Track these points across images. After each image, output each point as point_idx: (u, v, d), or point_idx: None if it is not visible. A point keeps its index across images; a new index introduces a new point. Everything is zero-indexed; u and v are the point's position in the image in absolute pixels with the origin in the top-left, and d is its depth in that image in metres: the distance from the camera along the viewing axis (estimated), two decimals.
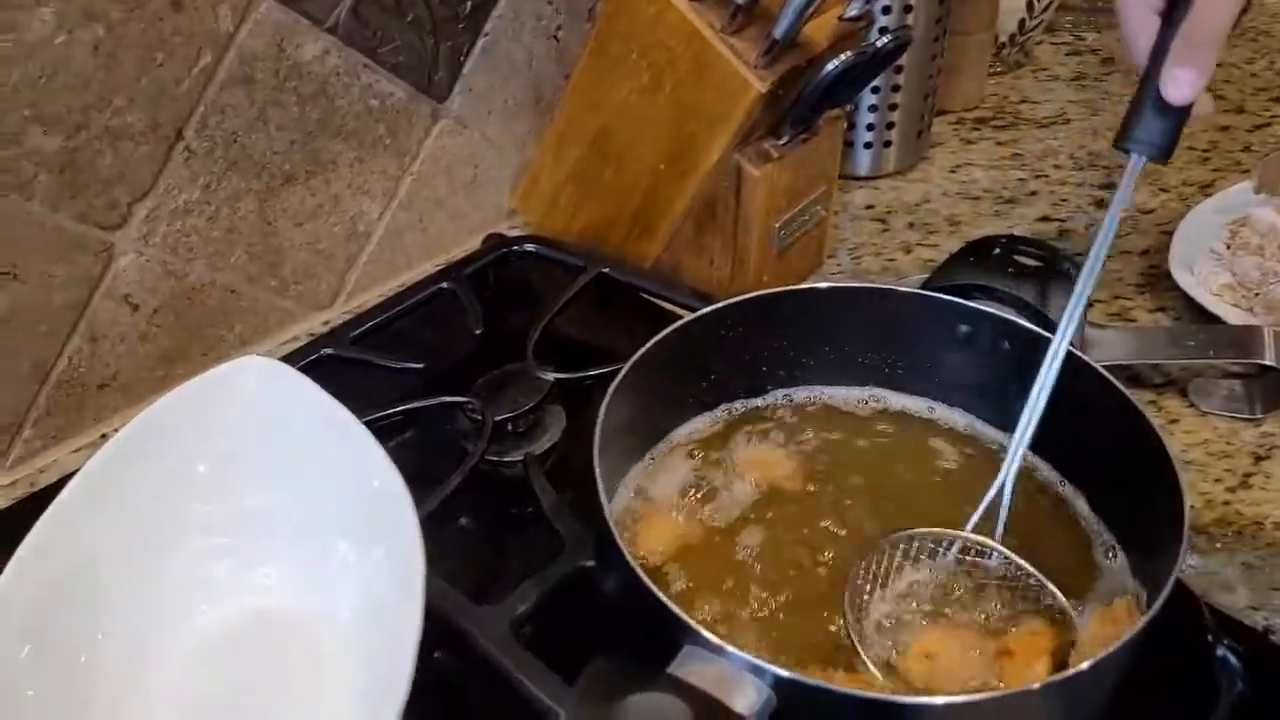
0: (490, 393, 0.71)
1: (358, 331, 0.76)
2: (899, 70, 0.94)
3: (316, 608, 0.55)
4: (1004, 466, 0.54)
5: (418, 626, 0.48)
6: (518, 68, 0.89)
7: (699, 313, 0.60)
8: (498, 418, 0.69)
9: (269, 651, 0.55)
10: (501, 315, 0.81)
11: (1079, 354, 0.56)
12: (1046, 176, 1.01)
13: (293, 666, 0.55)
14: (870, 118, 0.97)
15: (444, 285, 0.81)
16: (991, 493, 0.54)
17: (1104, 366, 0.56)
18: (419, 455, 0.70)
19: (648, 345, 0.58)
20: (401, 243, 0.87)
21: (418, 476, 0.57)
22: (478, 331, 0.78)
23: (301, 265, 0.81)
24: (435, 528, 0.61)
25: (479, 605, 0.57)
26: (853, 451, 0.61)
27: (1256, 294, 0.83)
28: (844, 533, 0.57)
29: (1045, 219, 0.96)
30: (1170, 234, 0.88)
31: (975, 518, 0.54)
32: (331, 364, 0.74)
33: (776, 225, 0.82)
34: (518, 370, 0.73)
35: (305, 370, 0.60)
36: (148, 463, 0.54)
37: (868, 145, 0.98)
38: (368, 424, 0.57)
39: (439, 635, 0.56)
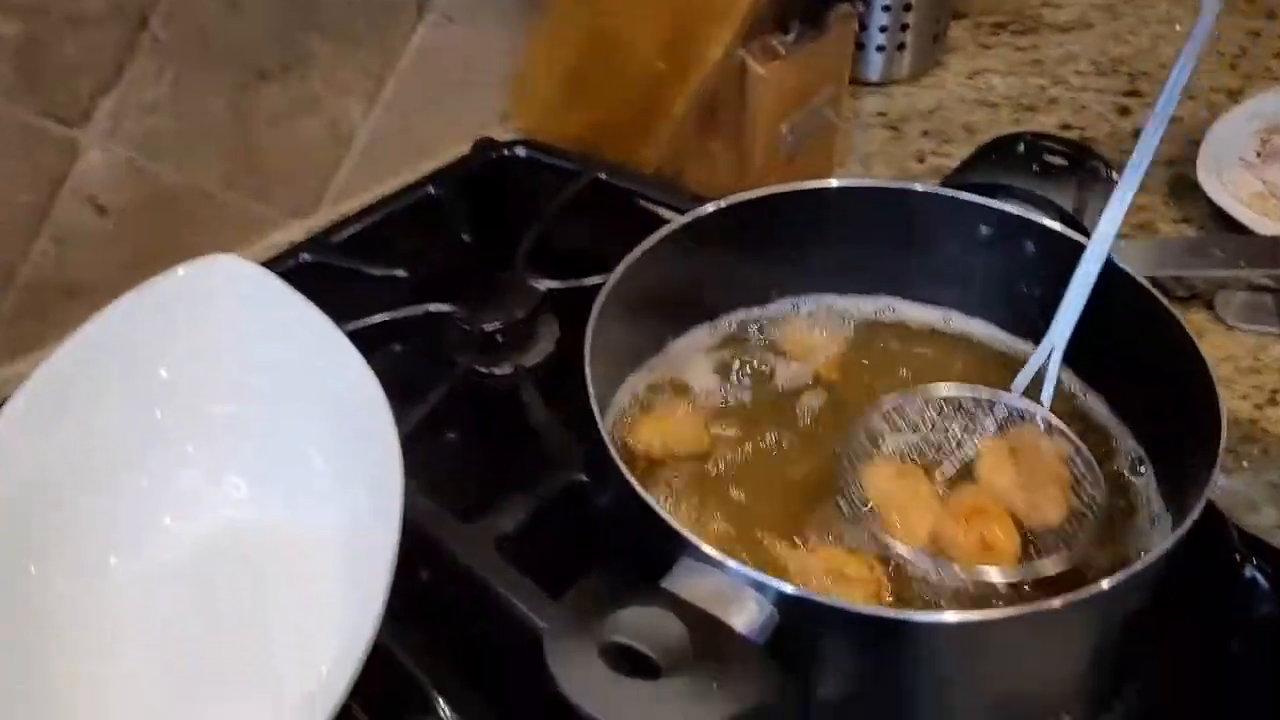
0: (479, 302, 0.67)
1: (339, 237, 0.72)
2: None
3: (291, 520, 0.52)
4: (1053, 327, 0.51)
5: (395, 539, 0.45)
6: None
7: (698, 212, 0.56)
8: (487, 327, 0.65)
9: (242, 565, 0.52)
10: (491, 222, 0.76)
11: (1117, 261, 0.52)
12: (1067, 83, 0.96)
13: (268, 580, 0.52)
14: (883, 19, 0.92)
15: (431, 191, 0.76)
16: (1039, 356, 0.51)
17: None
18: (404, 367, 0.67)
19: (644, 245, 0.54)
20: (387, 146, 0.83)
21: (403, 389, 0.54)
22: (466, 239, 0.74)
23: (280, 168, 0.77)
24: (420, 442, 0.58)
25: (464, 522, 0.54)
26: (868, 357, 0.58)
27: None
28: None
29: (1066, 127, 0.91)
30: (1198, 143, 0.84)
31: (1023, 380, 0.51)
32: (310, 271, 0.70)
33: (784, 128, 0.78)
34: (508, 279, 0.69)
35: (282, 277, 0.56)
36: (105, 367, 0.50)
37: (880, 48, 0.93)
38: (349, 333, 0.53)
39: (423, 553, 0.54)
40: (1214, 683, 0.52)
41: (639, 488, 0.42)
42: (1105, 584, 0.39)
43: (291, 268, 0.69)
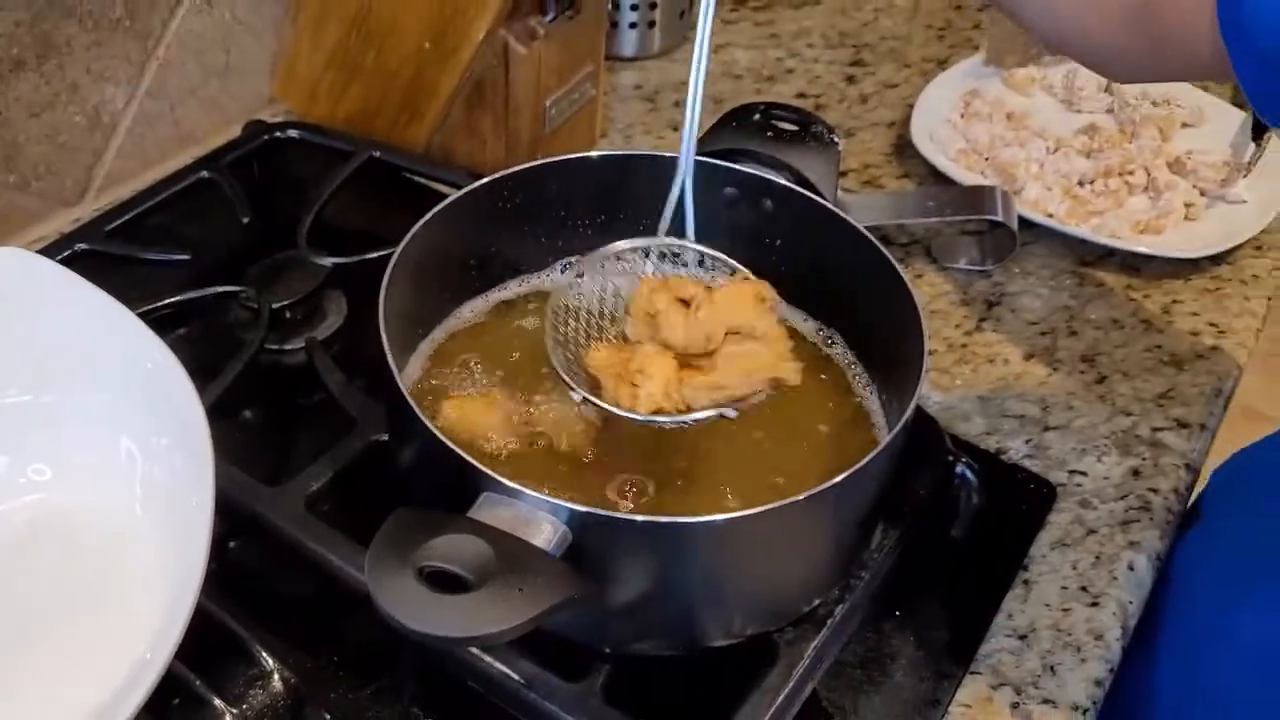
0: (265, 281, 0.69)
1: (114, 225, 0.72)
2: None
3: (101, 502, 0.53)
4: (680, 161, 0.57)
5: (210, 508, 0.47)
6: None
7: (475, 184, 0.60)
8: (275, 305, 0.68)
9: (51, 552, 0.53)
10: (269, 203, 0.78)
11: (842, 214, 0.60)
12: (800, 55, 1.06)
13: (80, 565, 0.53)
14: None
15: (204, 174, 0.77)
16: (674, 192, 0.57)
17: None
18: (194, 351, 0.67)
19: (427, 217, 0.58)
20: (153, 133, 0.82)
21: (195, 373, 0.55)
22: (245, 221, 0.75)
23: (41, 158, 0.76)
24: (218, 422, 0.60)
25: (271, 486, 0.56)
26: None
27: (987, 158, 0.90)
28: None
29: (801, 95, 1.00)
30: (912, 106, 0.95)
31: (665, 221, 0.57)
32: (87, 259, 0.70)
33: (547, 104, 0.83)
34: (292, 257, 0.71)
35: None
36: None
37: (633, 25, 1.00)
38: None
39: (233, 524, 0.56)
40: (939, 563, 0.62)
41: (440, 434, 0.46)
42: (839, 479, 0.47)
43: (69, 258, 0.69)
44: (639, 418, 0.50)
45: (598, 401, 0.51)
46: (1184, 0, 0.55)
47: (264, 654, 0.52)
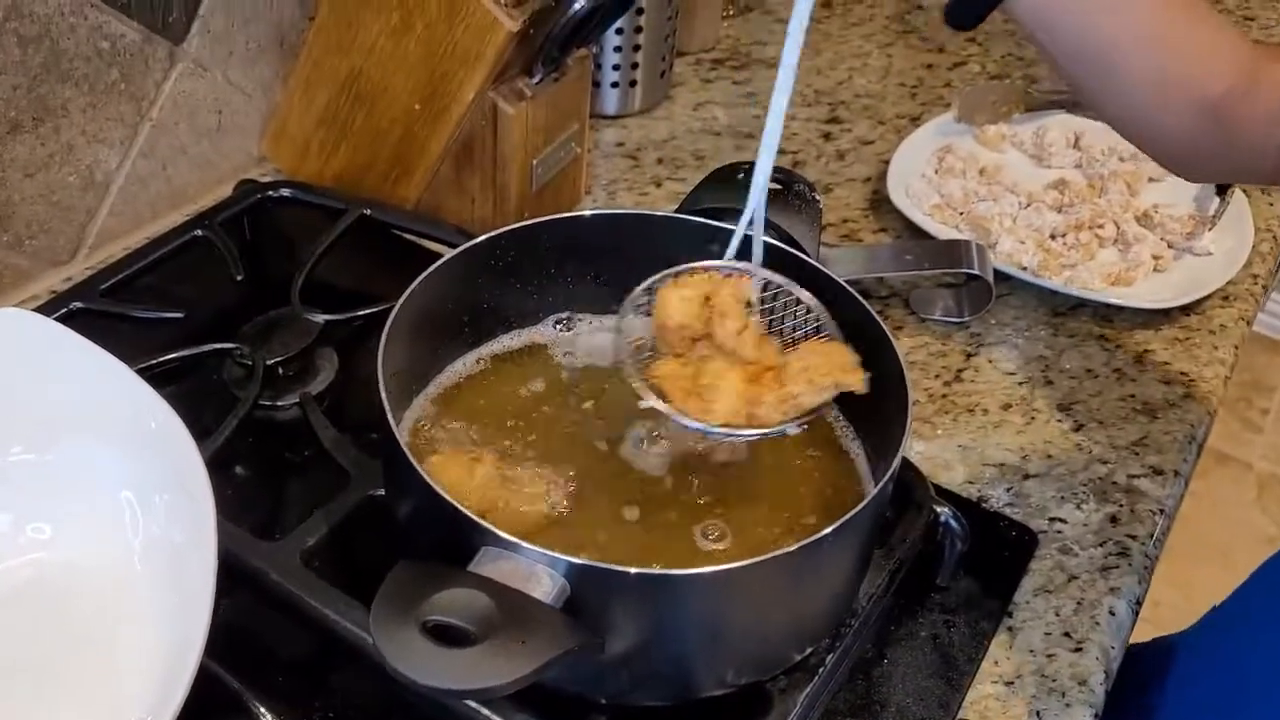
0: (258, 338, 0.70)
1: (108, 284, 0.73)
2: (640, 13, 0.98)
3: (102, 559, 0.54)
4: (751, 193, 0.59)
5: (213, 564, 0.48)
6: (258, 9, 0.87)
7: (474, 241, 0.62)
8: (269, 362, 0.69)
9: (51, 610, 0.54)
10: (262, 261, 0.79)
11: (825, 270, 0.62)
12: None
13: (81, 623, 0.54)
14: (615, 58, 1.01)
15: (198, 233, 0.78)
16: (744, 220, 0.59)
17: None
18: (189, 407, 0.68)
19: (426, 273, 0.59)
20: (145, 192, 0.84)
21: (190, 429, 0.56)
22: (239, 278, 0.76)
23: (35, 218, 0.77)
24: (214, 478, 0.60)
25: (267, 540, 0.57)
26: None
27: (961, 212, 0.93)
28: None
29: (780, 151, 1.02)
30: (888, 162, 0.98)
31: (732, 248, 0.59)
32: (83, 318, 0.70)
33: (534, 163, 0.85)
34: (285, 315, 0.72)
35: None
36: None
37: (615, 85, 1.02)
38: None
39: (228, 580, 0.56)
40: (926, 610, 0.63)
41: (439, 488, 0.47)
42: (828, 530, 0.48)
43: (64, 316, 0.69)
44: (710, 429, 0.52)
45: (667, 408, 0.53)
46: (1257, 109, 0.57)
47: (261, 709, 0.53)
